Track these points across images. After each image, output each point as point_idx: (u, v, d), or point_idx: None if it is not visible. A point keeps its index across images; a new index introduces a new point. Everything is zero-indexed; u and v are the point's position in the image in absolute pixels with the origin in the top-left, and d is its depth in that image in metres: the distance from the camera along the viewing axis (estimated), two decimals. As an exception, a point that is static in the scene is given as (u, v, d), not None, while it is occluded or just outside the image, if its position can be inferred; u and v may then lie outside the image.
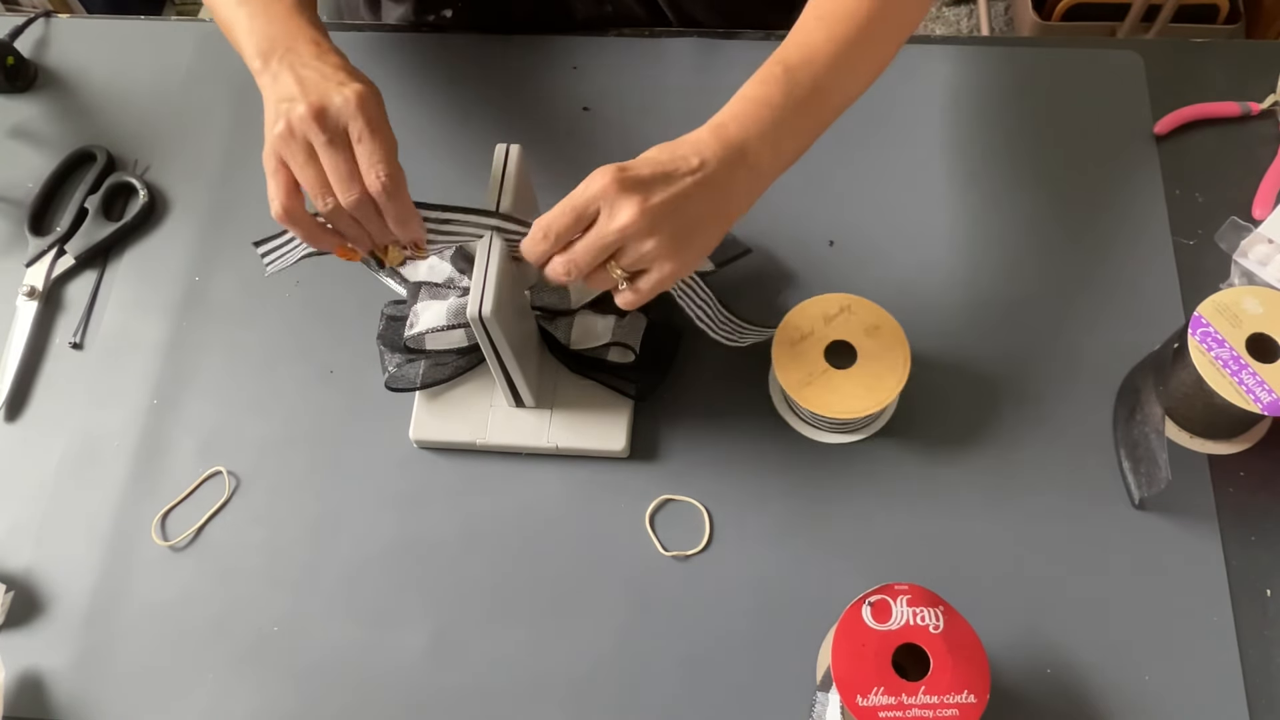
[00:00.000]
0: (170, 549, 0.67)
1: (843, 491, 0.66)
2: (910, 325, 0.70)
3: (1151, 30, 1.65)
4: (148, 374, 0.72)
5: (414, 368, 0.68)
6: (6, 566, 0.67)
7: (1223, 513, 0.64)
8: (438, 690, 0.62)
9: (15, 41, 0.84)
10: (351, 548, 0.66)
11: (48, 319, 0.75)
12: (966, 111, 0.78)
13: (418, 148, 0.79)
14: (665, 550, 0.65)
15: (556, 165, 0.77)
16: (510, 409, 0.68)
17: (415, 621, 0.64)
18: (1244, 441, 0.65)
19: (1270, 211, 0.72)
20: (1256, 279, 0.69)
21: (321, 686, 0.63)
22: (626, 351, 0.66)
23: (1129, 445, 0.65)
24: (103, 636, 0.64)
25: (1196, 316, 0.61)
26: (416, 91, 0.81)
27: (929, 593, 0.54)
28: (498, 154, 0.59)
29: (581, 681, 0.62)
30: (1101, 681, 0.60)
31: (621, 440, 0.66)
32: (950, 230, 0.74)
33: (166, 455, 0.69)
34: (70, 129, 0.82)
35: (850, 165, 0.76)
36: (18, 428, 0.71)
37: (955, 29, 1.93)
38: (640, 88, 0.80)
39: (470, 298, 0.55)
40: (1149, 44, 0.80)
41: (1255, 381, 0.59)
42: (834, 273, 0.72)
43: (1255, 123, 0.76)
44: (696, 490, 0.66)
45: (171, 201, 0.79)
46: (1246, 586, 0.62)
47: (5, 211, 0.79)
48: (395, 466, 0.68)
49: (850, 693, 0.52)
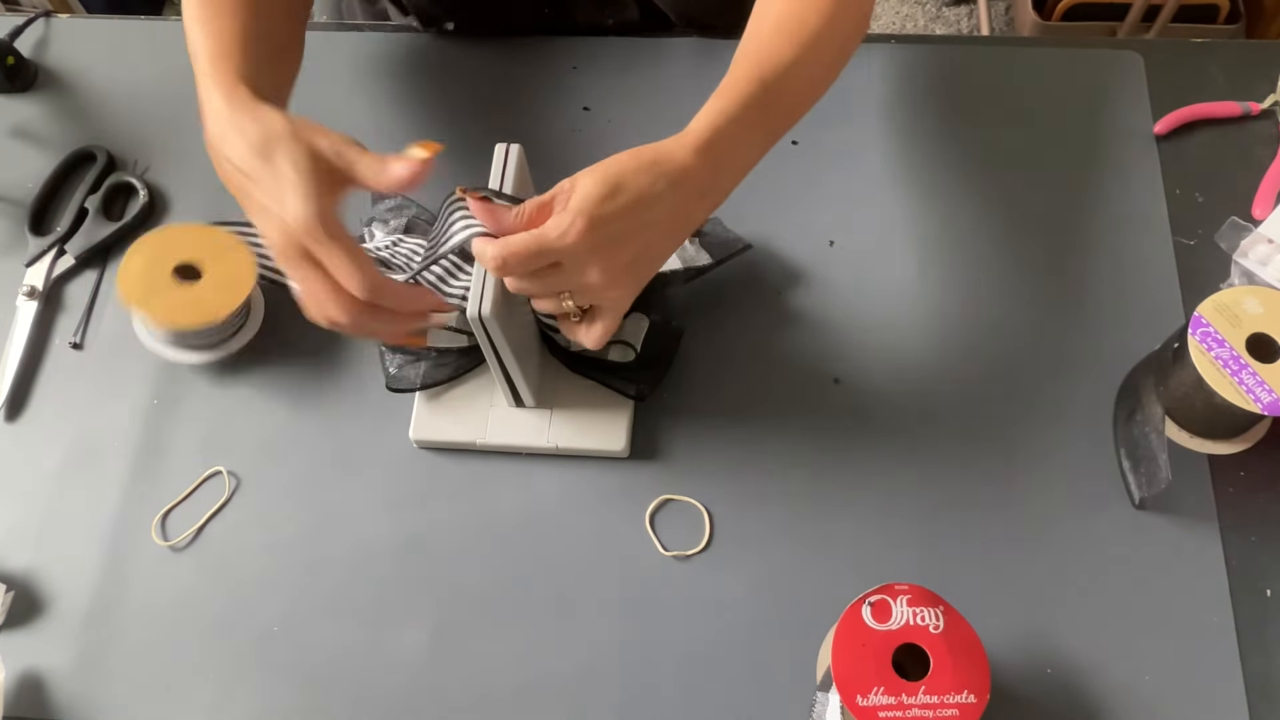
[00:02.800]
0: (170, 549, 0.67)
1: (843, 492, 0.66)
2: (910, 324, 0.70)
3: (1151, 30, 1.65)
4: (148, 374, 0.72)
5: (414, 368, 0.68)
6: (6, 566, 0.67)
7: (1223, 513, 0.64)
8: (438, 690, 0.62)
9: (15, 41, 0.84)
10: (351, 548, 0.66)
11: (48, 319, 0.75)
12: (966, 112, 0.78)
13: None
14: (665, 550, 0.65)
15: (556, 165, 0.77)
16: (510, 409, 0.68)
17: (415, 621, 0.64)
18: (1244, 441, 0.65)
19: (1270, 211, 0.72)
20: (1256, 279, 0.69)
21: (321, 686, 0.63)
22: (627, 350, 0.66)
23: (1129, 445, 0.65)
24: (103, 636, 0.64)
25: (1196, 316, 0.61)
26: (416, 91, 0.81)
27: (929, 593, 0.54)
28: (498, 154, 0.59)
29: (581, 681, 0.62)
30: (1101, 681, 0.60)
31: (621, 440, 0.66)
32: (950, 230, 0.74)
33: (166, 455, 0.69)
34: (70, 129, 0.82)
35: (850, 165, 0.76)
36: (18, 428, 0.71)
37: (955, 29, 1.93)
38: (640, 87, 0.80)
39: (470, 298, 0.55)
40: (1149, 44, 0.81)
41: (1255, 381, 0.59)
42: (834, 272, 0.72)
43: (1255, 123, 0.76)
44: (696, 490, 0.66)
45: (171, 201, 0.79)
46: (1246, 586, 0.62)
47: (5, 211, 0.79)
48: (395, 466, 0.68)
49: (850, 693, 0.52)
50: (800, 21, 0.60)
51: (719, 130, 0.55)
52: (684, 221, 0.56)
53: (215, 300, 0.68)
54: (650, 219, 0.53)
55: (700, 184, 0.55)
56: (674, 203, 0.53)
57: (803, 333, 0.71)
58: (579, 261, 0.52)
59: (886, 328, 0.71)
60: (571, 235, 0.50)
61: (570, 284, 0.53)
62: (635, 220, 0.52)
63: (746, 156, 0.58)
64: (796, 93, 0.60)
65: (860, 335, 0.70)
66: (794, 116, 0.60)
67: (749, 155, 0.58)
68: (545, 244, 0.51)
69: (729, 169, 0.57)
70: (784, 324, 0.71)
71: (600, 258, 0.52)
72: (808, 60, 0.59)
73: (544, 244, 0.51)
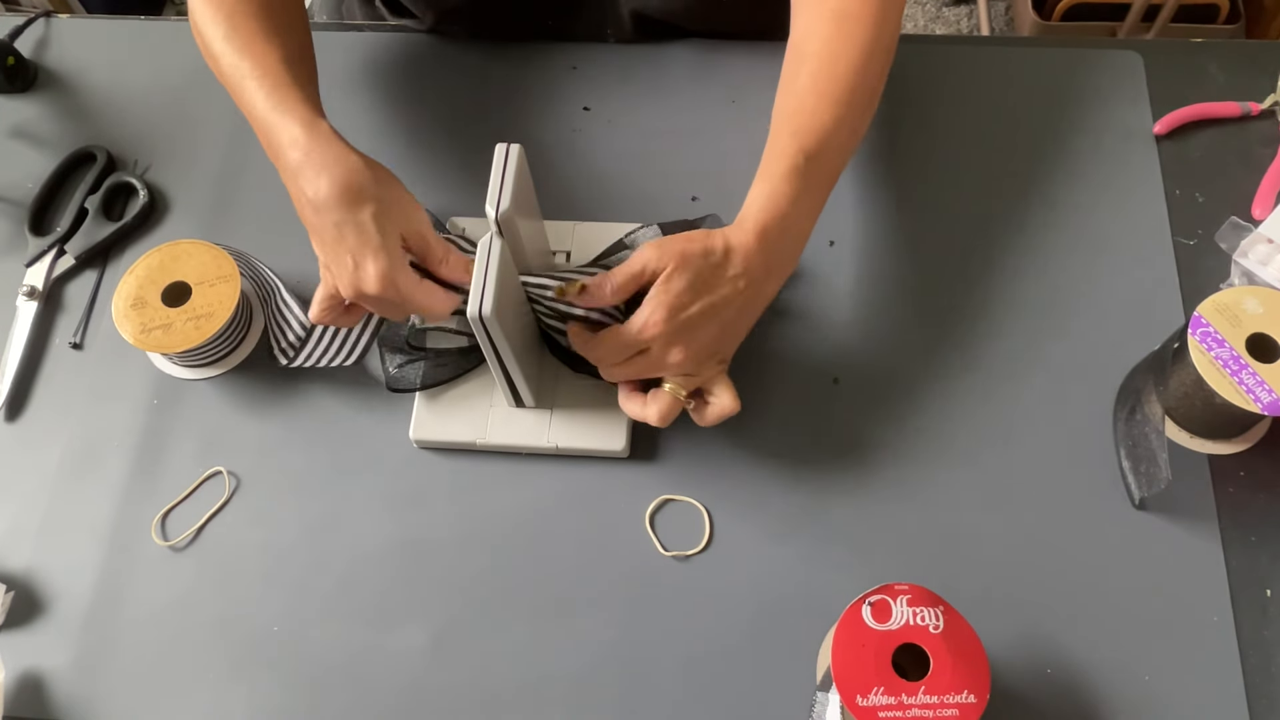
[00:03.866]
0: (170, 549, 0.67)
1: (843, 491, 0.66)
2: (910, 324, 0.70)
3: (1151, 30, 1.65)
4: (147, 374, 0.72)
5: (414, 368, 0.68)
6: (6, 566, 0.67)
7: (1223, 513, 0.64)
8: (438, 690, 0.62)
9: (15, 41, 0.84)
10: (351, 547, 0.66)
11: (48, 319, 0.75)
12: (966, 112, 0.78)
13: (418, 148, 0.79)
14: (665, 550, 0.65)
15: (556, 165, 0.77)
16: (510, 409, 0.68)
17: (415, 621, 0.64)
18: (1244, 441, 0.65)
19: (1270, 211, 0.72)
20: (1256, 279, 0.69)
21: (321, 686, 0.63)
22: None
23: (1129, 445, 0.65)
24: (103, 636, 0.64)
25: (1196, 316, 0.61)
26: (416, 91, 0.81)
27: (929, 593, 0.54)
28: (498, 154, 0.59)
29: (581, 681, 0.62)
30: (1101, 681, 0.60)
31: (621, 440, 0.66)
32: (950, 230, 0.74)
33: (166, 455, 0.69)
34: (70, 129, 0.82)
35: (850, 165, 0.76)
36: (18, 428, 0.71)
37: (955, 29, 1.93)
38: (640, 88, 0.80)
39: (470, 298, 0.55)
40: (1149, 44, 0.81)
41: (1255, 381, 0.59)
42: (834, 272, 0.72)
43: (1255, 123, 0.76)
44: (696, 490, 0.66)
45: (171, 201, 0.79)
46: (1246, 586, 0.62)
47: (5, 211, 0.79)
48: (395, 466, 0.68)
49: (850, 693, 0.52)
50: (833, 78, 0.61)
51: (774, 211, 0.58)
52: (757, 299, 0.60)
53: (182, 332, 0.68)
54: (722, 303, 0.57)
55: (766, 265, 0.58)
56: (745, 287, 0.58)
57: (803, 333, 0.71)
58: (663, 347, 0.57)
59: (886, 328, 0.71)
60: (651, 329, 0.57)
61: (659, 368, 0.59)
62: (709, 307, 0.57)
63: (804, 224, 0.61)
64: (840, 149, 0.62)
65: (860, 335, 0.70)
66: (840, 168, 0.63)
67: (806, 223, 0.61)
68: (630, 339, 0.57)
69: (791, 241, 0.60)
70: (784, 324, 0.71)
71: (683, 342, 0.57)
72: (846, 116, 0.61)
73: (629, 339, 0.57)
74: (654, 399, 0.60)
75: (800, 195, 0.59)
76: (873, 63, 0.62)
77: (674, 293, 0.56)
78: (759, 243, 0.57)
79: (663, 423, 0.60)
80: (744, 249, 0.57)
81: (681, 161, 0.77)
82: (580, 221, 0.73)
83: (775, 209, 0.58)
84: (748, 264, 0.57)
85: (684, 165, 0.77)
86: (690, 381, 0.60)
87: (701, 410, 0.61)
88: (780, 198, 0.58)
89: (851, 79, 0.61)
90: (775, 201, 0.58)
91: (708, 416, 0.61)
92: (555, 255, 0.72)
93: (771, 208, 0.58)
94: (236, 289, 0.69)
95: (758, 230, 0.58)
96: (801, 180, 0.59)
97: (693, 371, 0.59)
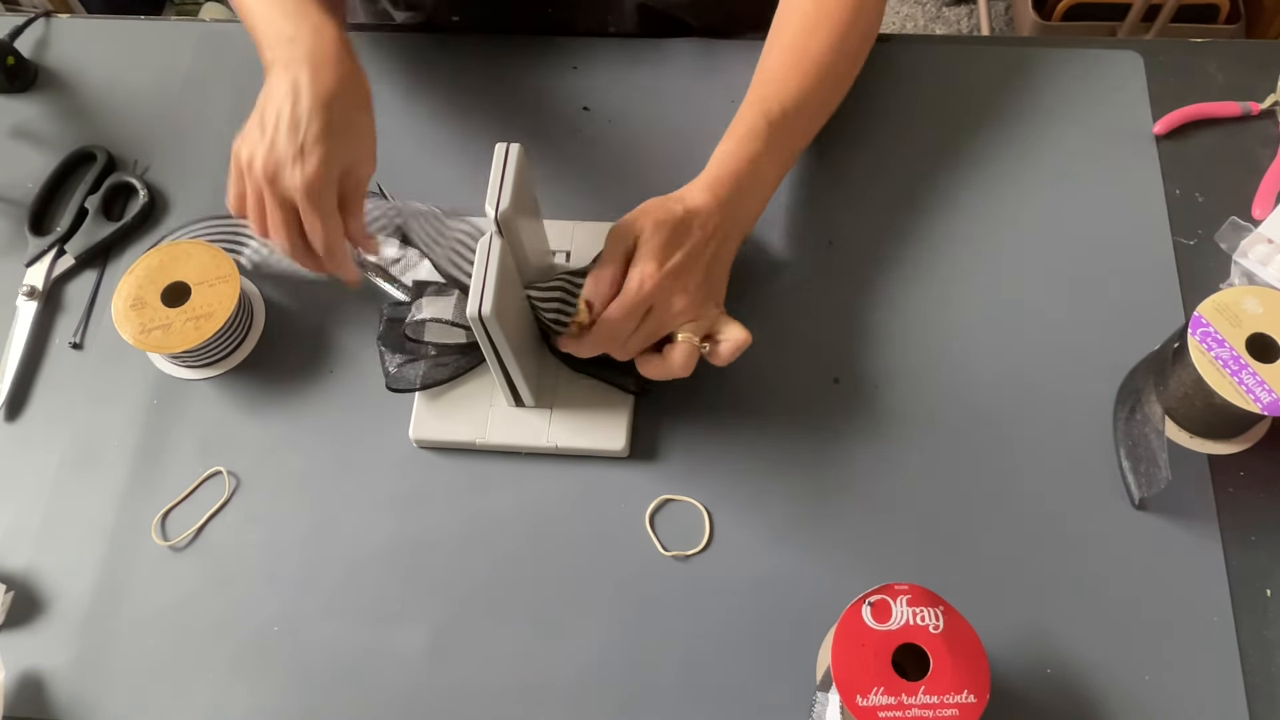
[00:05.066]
0: (170, 549, 0.67)
1: (843, 492, 0.66)
2: (910, 324, 0.70)
3: (1151, 30, 1.65)
4: (147, 374, 0.72)
5: (414, 368, 0.68)
6: (6, 566, 0.67)
7: (1223, 513, 0.64)
8: (438, 690, 0.62)
9: (15, 41, 0.84)
10: (351, 547, 0.66)
11: (48, 319, 0.75)
12: (966, 111, 0.78)
13: (417, 147, 0.79)
14: (665, 550, 0.65)
15: (556, 165, 0.77)
16: (510, 409, 0.68)
17: (415, 621, 0.64)
18: (1244, 441, 0.65)
19: (1270, 211, 0.72)
20: (1256, 279, 0.69)
21: (321, 686, 0.63)
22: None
23: (1129, 445, 0.65)
24: (103, 636, 0.64)
25: (1196, 316, 0.61)
26: (416, 91, 0.81)
27: (929, 593, 0.54)
28: (498, 153, 0.59)
29: (581, 681, 0.62)
30: (1101, 681, 0.60)
31: (621, 440, 0.66)
32: (949, 230, 0.74)
33: (166, 455, 0.69)
34: (70, 129, 0.82)
35: (849, 165, 0.76)
36: (18, 428, 0.71)
37: (955, 29, 1.93)
38: (640, 87, 0.80)
39: (470, 298, 0.55)
40: (1149, 44, 0.80)
41: (1255, 381, 0.59)
42: (833, 272, 0.72)
43: (1255, 123, 0.76)
44: (696, 490, 0.66)
45: (171, 201, 0.79)
46: (1246, 586, 0.62)
47: (5, 211, 0.79)
48: (395, 466, 0.68)
49: (850, 693, 0.52)
50: (803, 51, 0.66)
51: (727, 168, 0.63)
52: (726, 243, 0.63)
53: (181, 332, 0.68)
54: (698, 249, 0.61)
55: (724, 214, 0.62)
56: (713, 231, 0.62)
57: (803, 333, 0.71)
58: (665, 298, 0.60)
59: (886, 328, 0.71)
60: (648, 281, 0.59)
61: (667, 321, 0.61)
62: (689, 254, 0.60)
63: (761, 181, 0.65)
64: (805, 118, 0.67)
65: (860, 335, 0.70)
66: (806, 138, 0.68)
67: (762, 185, 0.65)
68: (631, 301, 0.59)
69: (747, 196, 0.64)
70: (784, 324, 0.71)
71: (680, 287, 0.60)
72: (813, 87, 0.66)
73: (631, 301, 0.59)
74: (670, 352, 0.62)
75: (758, 155, 0.64)
76: (846, 43, 0.67)
77: (656, 247, 0.59)
78: (713, 196, 0.62)
79: (685, 371, 0.62)
80: (700, 204, 0.61)
81: (682, 161, 0.77)
82: (580, 221, 0.73)
83: (728, 166, 0.63)
84: (707, 216, 0.61)
85: (684, 165, 0.76)
86: (698, 327, 0.62)
87: (716, 351, 0.63)
88: (733, 157, 0.63)
89: (823, 55, 0.66)
90: (730, 160, 0.63)
91: (723, 354, 0.62)
92: (555, 255, 0.72)
93: (725, 164, 0.63)
94: (236, 289, 0.69)
95: (709, 185, 0.62)
96: (759, 141, 0.64)
97: (696, 317, 0.62)
